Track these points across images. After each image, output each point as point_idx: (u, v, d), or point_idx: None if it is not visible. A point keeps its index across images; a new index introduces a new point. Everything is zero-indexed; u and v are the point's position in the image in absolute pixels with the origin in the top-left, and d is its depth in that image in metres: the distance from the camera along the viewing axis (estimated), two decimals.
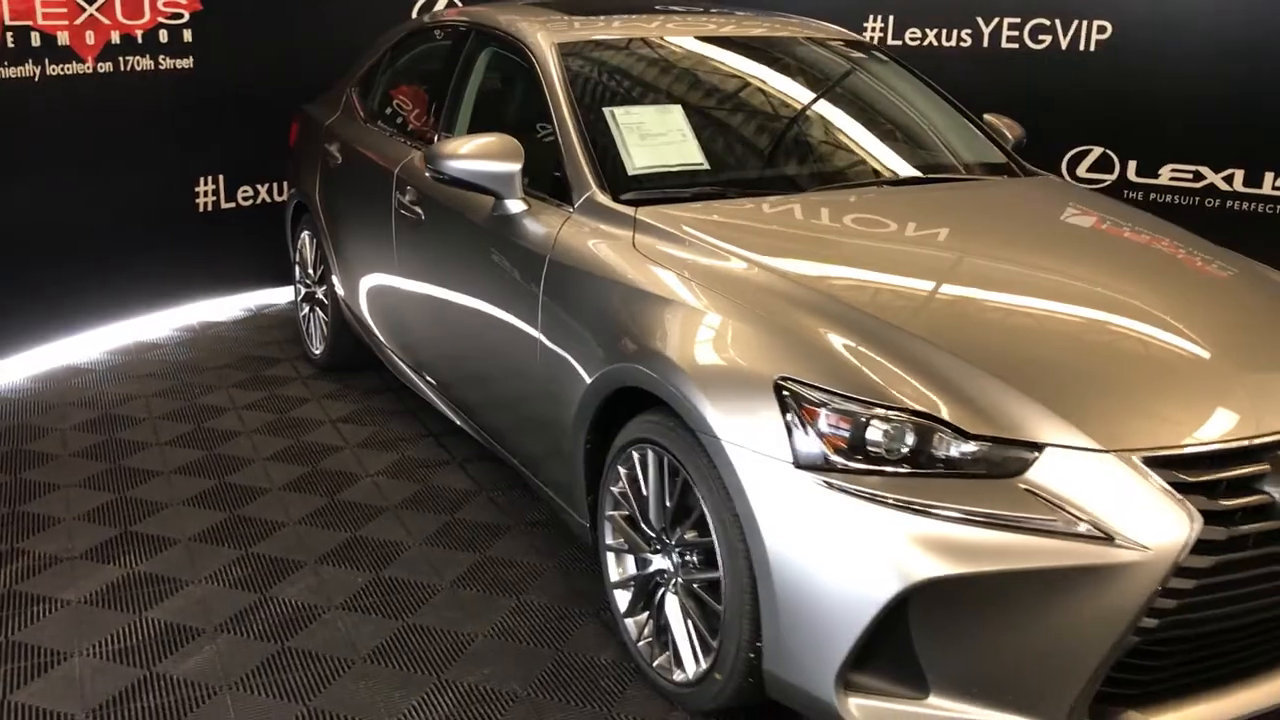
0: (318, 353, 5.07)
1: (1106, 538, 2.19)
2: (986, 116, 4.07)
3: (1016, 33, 7.43)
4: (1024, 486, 2.23)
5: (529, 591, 3.26)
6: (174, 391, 4.85)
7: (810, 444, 2.30)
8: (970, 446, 2.28)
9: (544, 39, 3.58)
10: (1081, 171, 7.39)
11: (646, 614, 2.81)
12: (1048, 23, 7.36)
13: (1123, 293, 2.80)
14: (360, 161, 4.42)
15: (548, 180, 3.32)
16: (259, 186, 6.10)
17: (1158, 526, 2.20)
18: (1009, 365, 2.41)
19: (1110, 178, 7.29)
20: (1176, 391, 2.42)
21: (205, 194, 5.91)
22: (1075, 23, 7.24)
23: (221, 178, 5.96)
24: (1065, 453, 2.26)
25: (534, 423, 3.24)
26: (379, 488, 3.93)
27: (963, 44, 7.50)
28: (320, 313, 5.01)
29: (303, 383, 4.99)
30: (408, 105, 4.58)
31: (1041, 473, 2.25)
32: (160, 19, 5.43)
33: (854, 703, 2.29)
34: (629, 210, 3.05)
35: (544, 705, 2.74)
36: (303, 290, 5.21)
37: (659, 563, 2.77)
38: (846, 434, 2.30)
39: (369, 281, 4.38)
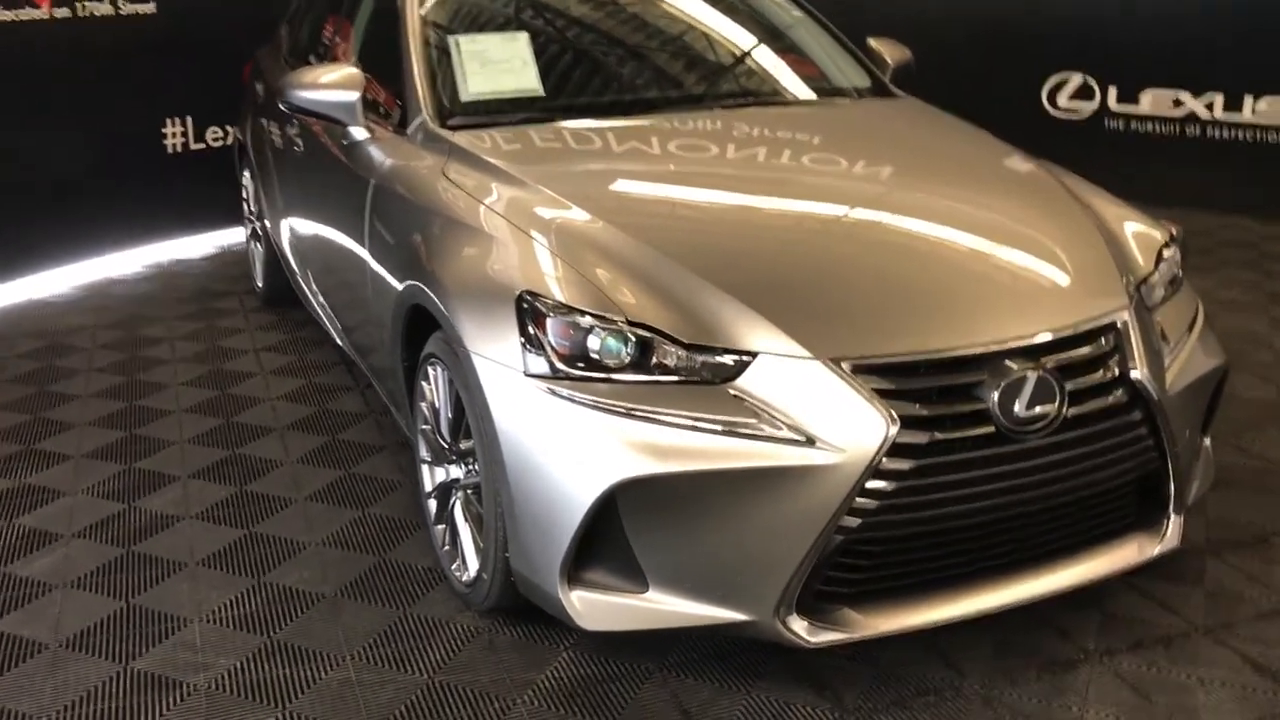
0: (260, 286, 5.27)
1: (807, 440, 2.26)
2: (870, 40, 4.06)
3: None
4: (733, 392, 2.31)
5: (376, 505, 3.42)
6: (122, 323, 5.09)
7: (539, 353, 2.40)
8: (686, 355, 2.36)
9: None
10: (1063, 101, 7.25)
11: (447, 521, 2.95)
12: None
13: (886, 209, 2.86)
14: (271, 98, 4.57)
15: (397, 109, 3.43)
16: (230, 128, 6.29)
17: (857, 430, 2.27)
18: (739, 279, 2.48)
19: (1092, 105, 7.15)
20: (896, 303, 2.47)
21: (174, 135, 6.13)
22: None
23: (190, 119, 6.17)
24: (776, 360, 2.33)
25: (374, 341, 3.39)
26: (274, 410, 4.12)
27: None
28: (259, 247, 5.20)
29: (244, 315, 5.20)
30: (330, 39, 4.71)
31: (752, 379, 2.32)
32: None
33: (576, 595, 2.41)
34: (449, 135, 3.15)
35: (343, 605, 2.91)
36: (249, 226, 5.40)
37: (454, 472, 2.90)
38: (569, 345, 2.40)
39: (282, 215, 4.55)
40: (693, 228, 2.81)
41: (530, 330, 2.43)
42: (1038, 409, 2.35)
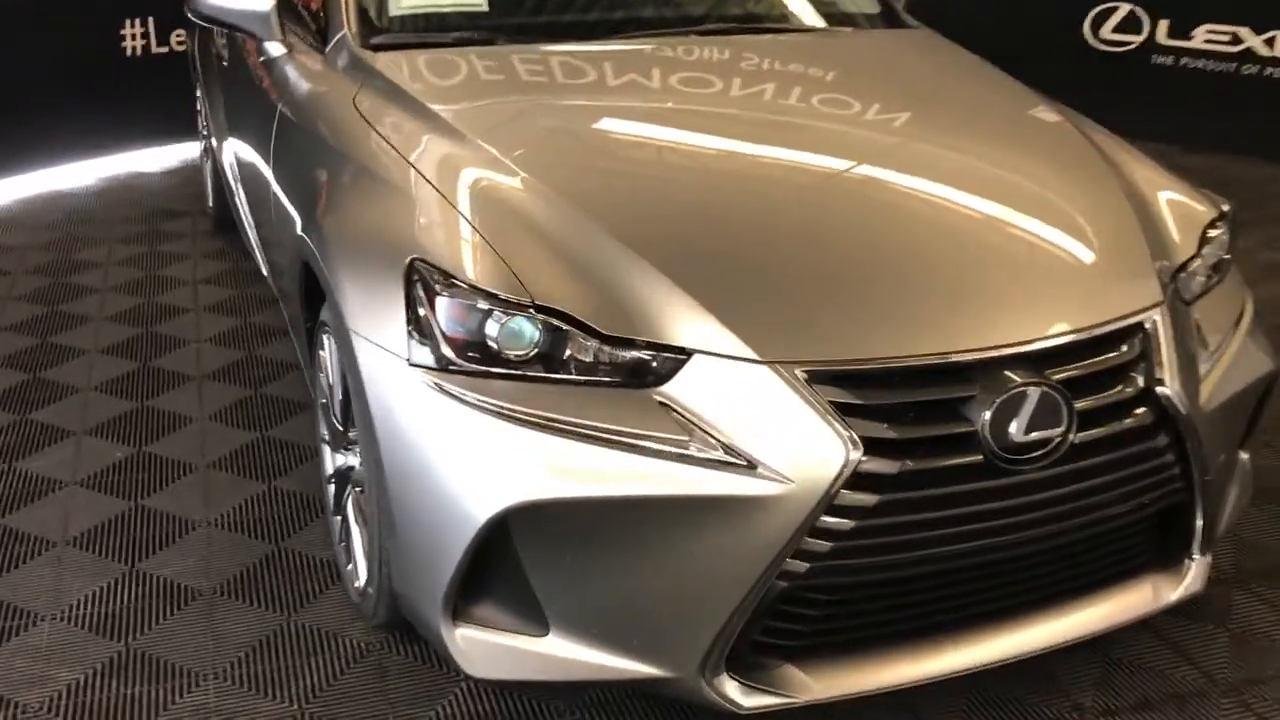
0: (211, 208, 4.83)
1: (746, 464, 1.81)
2: None
3: None
4: (659, 399, 1.86)
5: (286, 478, 3.01)
6: (57, 243, 4.68)
7: (426, 339, 1.95)
8: (605, 350, 1.90)
9: None
10: (1106, 32, 6.64)
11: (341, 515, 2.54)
12: None
13: (871, 170, 2.36)
14: None
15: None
16: None
17: (809, 454, 1.82)
18: (682, 256, 2.01)
19: (1138, 38, 6.54)
20: (867, 294, 1.99)
21: (134, 37, 5.65)
22: None
23: (152, 20, 5.69)
24: (715, 361, 1.87)
25: (287, 289, 2.94)
26: (199, 355, 3.70)
27: None
28: (210, 166, 4.75)
29: (192, 239, 4.77)
30: None
31: (683, 384, 1.87)
32: None
33: (461, 634, 1.99)
34: (369, 56, 2.67)
35: (220, 606, 2.51)
36: (202, 142, 4.95)
37: (350, 459, 2.47)
38: (462, 330, 1.94)
39: (223, 133, 4.08)
40: (641, 190, 2.30)
41: (419, 309, 1.97)
42: (1038, 434, 1.89)
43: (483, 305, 1.93)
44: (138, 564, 2.64)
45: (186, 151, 5.86)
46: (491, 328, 1.92)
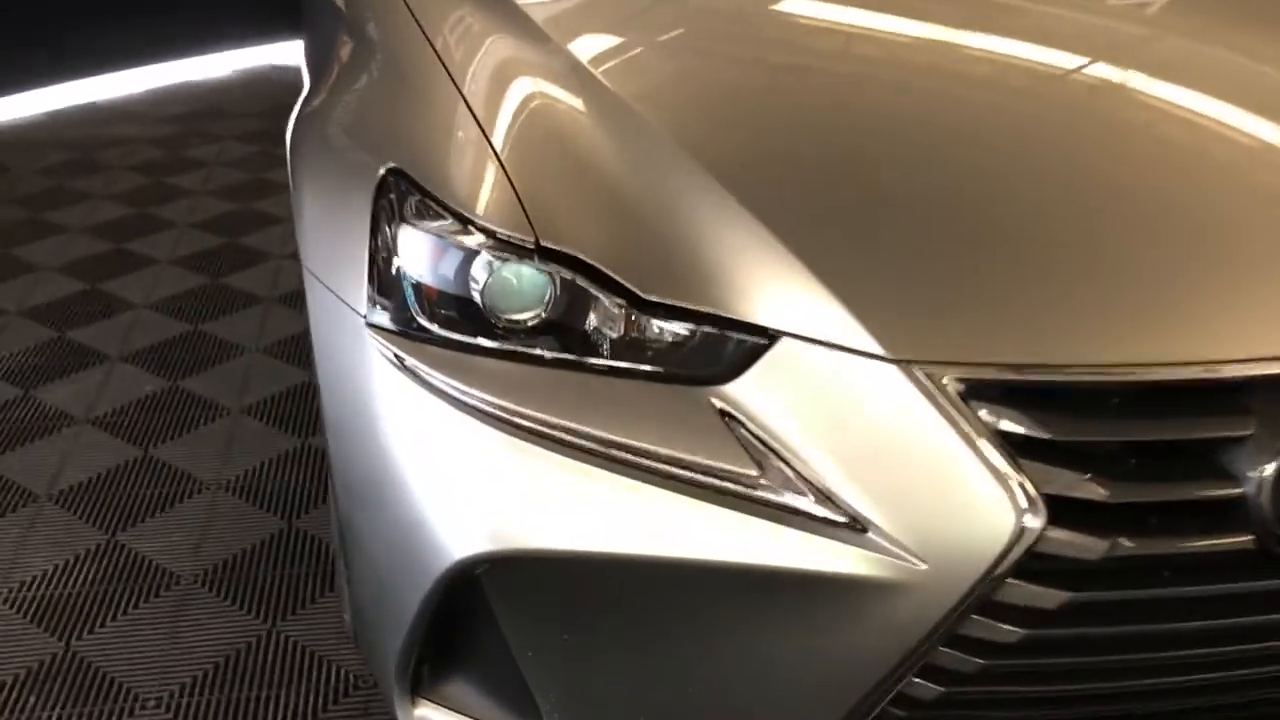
0: None
1: (849, 523, 1.12)
2: None
3: None
4: (720, 405, 1.17)
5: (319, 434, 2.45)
6: (172, 139, 4.28)
7: (388, 288, 1.31)
8: (641, 319, 1.22)
9: None
10: None
11: None
12: None
13: (1103, 82, 1.56)
14: None
15: None
16: None
17: (958, 516, 1.10)
18: (780, 188, 1.30)
19: None
20: (1080, 274, 1.22)
21: None
22: None
23: None
24: (814, 352, 1.16)
25: None
26: (278, 274, 3.20)
27: None
28: None
29: None
30: None
31: (760, 385, 1.17)
32: None
33: (421, 714, 1.37)
34: None
35: (195, 599, 1.98)
36: None
37: None
38: (435, 277, 1.29)
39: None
40: (750, 115, 1.55)
41: (384, 239, 1.33)
42: None
43: (464, 241, 1.27)
44: (118, 533, 2.14)
45: None
46: (479, 273, 1.26)
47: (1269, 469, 1.11)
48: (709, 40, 1.73)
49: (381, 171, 1.37)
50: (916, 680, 1.15)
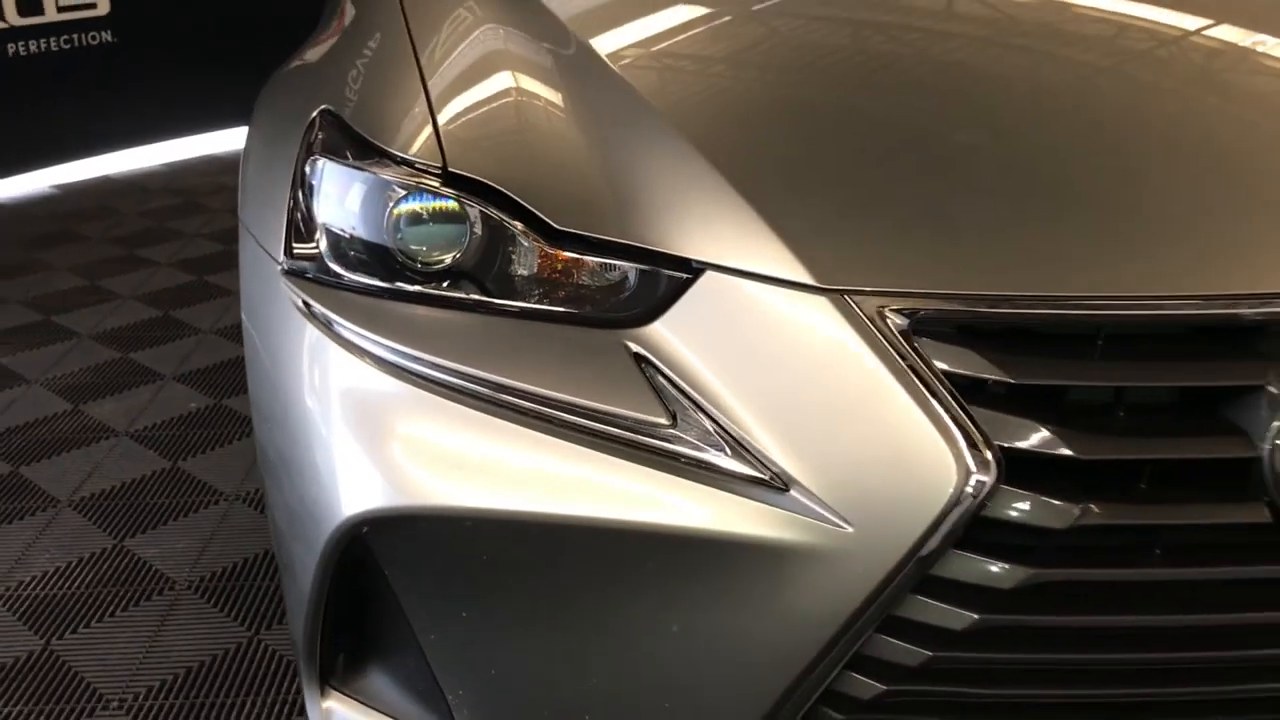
0: None
1: (771, 479, 0.95)
2: None
3: None
4: (635, 349, 1.02)
5: None
6: None
7: (305, 233, 1.21)
8: (552, 252, 1.08)
9: None
10: None
11: None
12: None
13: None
14: None
15: None
16: None
17: (894, 473, 0.92)
18: (726, 120, 1.16)
19: None
20: (1065, 200, 1.03)
21: None
22: None
23: None
24: (741, 286, 1.00)
25: None
26: None
27: None
28: None
29: None
30: None
31: (678, 324, 1.01)
32: None
33: (328, 706, 1.23)
34: None
35: (185, 604, 1.90)
36: None
37: None
38: (342, 216, 1.18)
39: None
40: (689, 48, 1.42)
41: (308, 180, 1.23)
42: None
43: (373, 171, 1.16)
44: (126, 539, 2.08)
45: None
46: (389, 213, 1.15)
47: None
48: None
49: (314, 115, 1.28)
50: (851, 674, 0.96)
